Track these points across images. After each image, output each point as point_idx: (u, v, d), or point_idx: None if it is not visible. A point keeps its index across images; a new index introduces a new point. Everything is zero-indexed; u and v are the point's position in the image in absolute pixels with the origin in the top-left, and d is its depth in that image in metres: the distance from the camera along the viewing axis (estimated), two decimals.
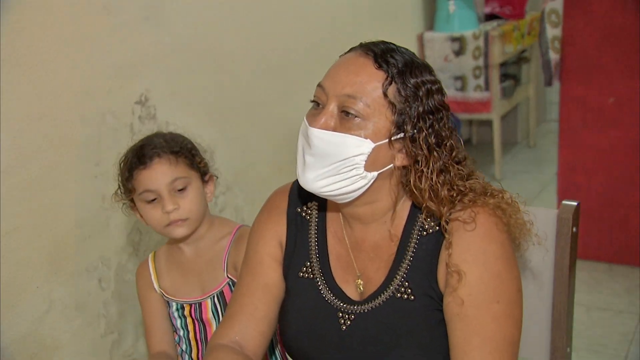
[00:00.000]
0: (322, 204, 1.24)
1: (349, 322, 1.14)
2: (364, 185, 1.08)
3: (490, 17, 4.32)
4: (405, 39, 3.90)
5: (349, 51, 1.15)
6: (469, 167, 1.12)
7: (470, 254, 1.06)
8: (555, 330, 1.25)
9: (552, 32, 2.78)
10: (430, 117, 1.07)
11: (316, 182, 1.08)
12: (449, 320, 1.07)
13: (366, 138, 1.06)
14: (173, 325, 1.53)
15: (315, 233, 1.22)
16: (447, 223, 1.07)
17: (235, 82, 2.56)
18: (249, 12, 2.60)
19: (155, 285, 1.53)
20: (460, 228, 1.07)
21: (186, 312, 1.49)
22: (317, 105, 1.12)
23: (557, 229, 1.19)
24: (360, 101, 1.06)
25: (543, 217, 1.20)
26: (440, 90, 1.09)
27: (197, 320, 1.49)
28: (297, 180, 1.26)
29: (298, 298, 1.20)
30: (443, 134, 1.08)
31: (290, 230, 1.24)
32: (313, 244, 1.21)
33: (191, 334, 1.50)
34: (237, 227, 1.52)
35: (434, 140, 1.07)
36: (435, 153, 1.07)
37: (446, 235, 1.08)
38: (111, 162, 2.06)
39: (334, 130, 1.07)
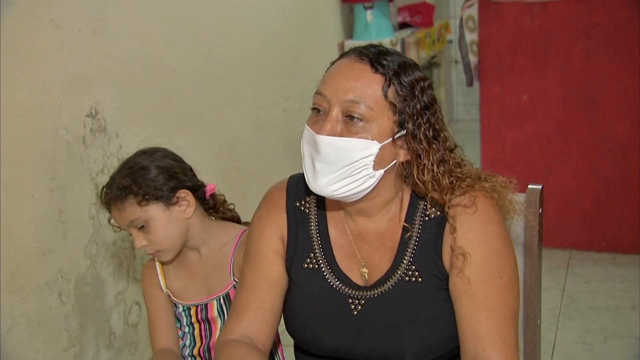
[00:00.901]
0: (321, 198, 1.26)
1: (359, 307, 1.19)
2: (373, 184, 1.14)
3: (402, 25, 4.56)
4: (328, 47, 4.06)
5: (341, 58, 1.19)
6: (459, 153, 1.21)
7: (473, 235, 1.14)
8: (527, 304, 1.36)
9: (470, 36, 3.01)
10: (427, 112, 1.14)
11: (328, 186, 1.12)
12: (457, 298, 1.14)
13: (372, 139, 1.11)
14: (178, 321, 1.55)
15: (316, 225, 1.25)
16: (449, 208, 1.16)
17: (180, 93, 2.61)
18: (189, 25, 2.66)
19: (163, 286, 1.54)
20: (462, 212, 1.15)
21: (192, 313, 1.52)
22: (318, 111, 1.16)
23: (525, 210, 1.30)
24: (363, 105, 1.10)
25: None
26: (431, 86, 1.18)
27: (203, 321, 1.52)
28: (292, 176, 1.33)
29: (305, 288, 1.23)
30: (437, 126, 1.16)
31: (290, 224, 1.27)
32: (315, 236, 1.25)
33: (196, 331, 1.53)
34: (242, 230, 1.53)
35: (431, 134, 1.14)
36: (434, 145, 1.14)
37: (450, 220, 1.15)
38: (66, 175, 2.08)
39: (341, 135, 1.11)
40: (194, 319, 1.53)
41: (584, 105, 2.98)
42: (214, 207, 1.60)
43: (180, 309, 1.54)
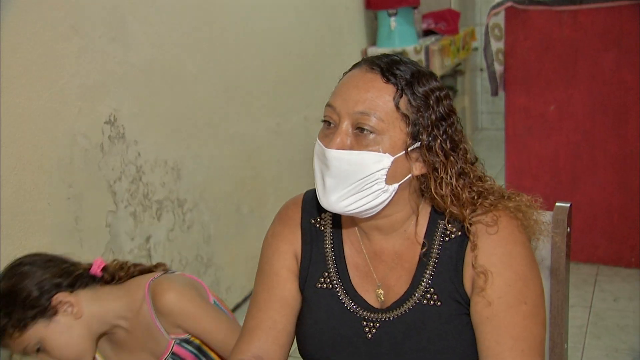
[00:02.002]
0: (337, 215, 1.22)
1: (374, 331, 1.14)
2: (386, 199, 1.09)
3: (427, 32, 4.50)
4: (350, 55, 4.01)
5: (352, 68, 1.14)
6: (480, 167, 1.15)
7: (497, 257, 1.08)
8: (554, 327, 1.29)
9: (496, 45, 2.94)
10: (443, 123, 1.09)
11: (339, 202, 1.08)
12: (479, 323, 1.08)
13: (384, 152, 1.06)
14: None
15: (331, 243, 1.21)
16: (470, 225, 1.10)
17: (197, 101, 2.59)
18: (207, 31, 2.64)
19: None
20: (484, 231, 1.09)
21: None
22: (329, 124, 1.11)
23: (553, 229, 1.23)
24: (374, 117, 1.06)
25: None
26: (448, 96, 1.12)
27: None
28: (308, 191, 1.28)
29: (318, 309, 1.19)
30: (456, 138, 1.11)
31: (305, 241, 1.22)
32: (330, 255, 1.20)
33: None
34: (147, 286, 1.41)
35: (449, 146, 1.08)
36: (451, 158, 1.09)
37: (471, 237, 1.09)
38: (83, 183, 2.06)
39: (351, 148, 1.06)
40: None
41: (612, 116, 2.90)
42: (112, 279, 1.46)
43: None
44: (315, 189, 1.25)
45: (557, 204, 1.27)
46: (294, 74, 3.33)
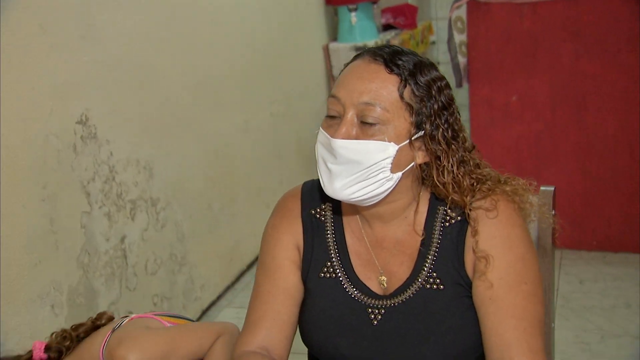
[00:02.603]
0: (337, 205, 1.24)
1: (379, 317, 1.16)
2: (390, 187, 1.11)
3: (386, 27, 4.55)
4: (313, 51, 4.03)
5: (355, 59, 1.16)
6: (477, 154, 1.18)
7: (497, 240, 1.11)
8: None
9: (459, 37, 3.00)
10: (445, 112, 1.11)
11: (344, 190, 1.10)
12: (481, 305, 1.11)
13: (389, 141, 1.08)
14: None
15: (332, 233, 1.22)
16: (470, 211, 1.13)
17: (167, 99, 2.57)
18: (175, 29, 2.62)
19: None
20: (484, 216, 1.12)
21: None
22: (333, 115, 1.12)
23: (539, 213, 1.27)
24: (379, 107, 1.08)
25: None
26: (448, 85, 1.15)
27: None
28: (306, 183, 1.29)
29: (323, 299, 1.20)
30: (456, 127, 1.13)
31: (306, 232, 1.23)
32: (332, 244, 1.21)
33: None
34: (100, 354, 1.34)
35: (450, 135, 1.11)
36: (453, 146, 1.11)
37: (471, 223, 1.12)
38: (57, 184, 2.03)
39: (357, 138, 1.08)
40: None
41: (572, 105, 2.99)
42: (60, 353, 1.39)
43: None
44: (312, 181, 1.27)
45: (542, 187, 1.32)
46: (260, 71, 3.33)
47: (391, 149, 1.08)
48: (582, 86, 2.94)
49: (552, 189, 1.31)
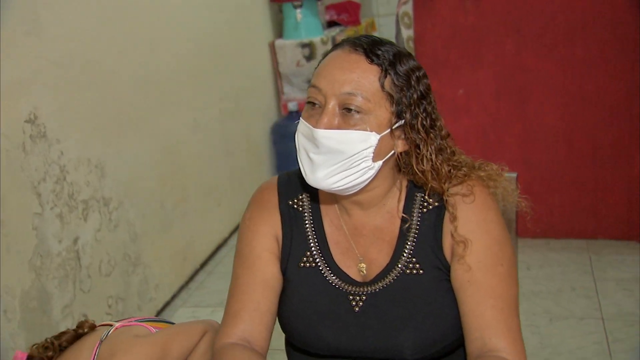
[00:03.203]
0: (314, 194, 1.24)
1: (361, 304, 1.17)
2: (372, 175, 1.12)
3: (330, 24, 4.59)
4: (259, 47, 4.03)
5: (334, 49, 1.16)
6: (451, 142, 1.20)
7: (474, 224, 1.14)
8: None
9: (406, 32, 3.06)
10: (423, 101, 1.13)
11: (327, 179, 1.11)
12: (460, 288, 1.14)
13: (371, 131, 1.09)
14: None
15: (311, 223, 1.23)
16: (448, 197, 1.15)
17: (118, 96, 2.52)
18: (122, 25, 2.57)
19: None
20: (461, 202, 1.15)
21: None
22: (313, 105, 1.13)
23: (511, 197, 1.28)
24: (360, 97, 1.09)
25: None
26: (426, 74, 1.16)
27: None
28: (281, 175, 1.29)
29: (303, 288, 1.21)
30: (434, 115, 1.14)
31: (284, 223, 1.23)
32: (310, 234, 1.22)
33: None
34: (94, 354, 1.31)
35: (428, 123, 1.13)
36: (431, 135, 1.13)
37: (450, 209, 1.15)
38: (6, 185, 1.96)
39: (339, 128, 1.09)
40: None
41: (515, 98, 3.09)
42: None
43: None
44: (288, 172, 1.27)
45: (505, 175, 1.36)
46: (208, 68, 3.31)
47: (373, 138, 1.10)
48: (524, 79, 3.05)
49: (515, 175, 1.36)
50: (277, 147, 4.11)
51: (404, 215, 1.19)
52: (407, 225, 1.19)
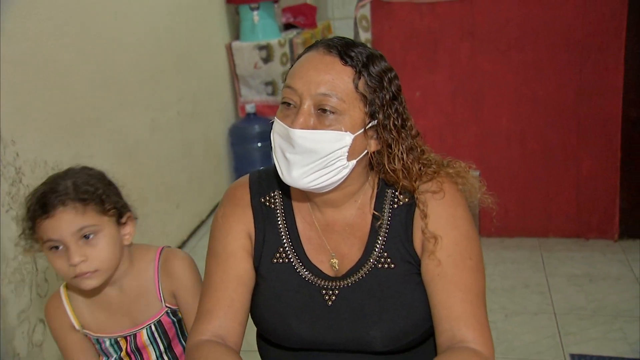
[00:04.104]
0: (286, 191, 1.26)
1: (334, 297, 1.19)
2: (346, 174, 1.15)
3: (287, 26, 4.61)
4: (216, 49, 4.02)
5: (308, 50, 1.19)
6: (420, 140, 1.23)
7: (443, 220, 1.18)
8: None
9: (364, 35, 3.10)
10: (395, 102, 1.16)
11: (303, 178, 1.13)
12: (430, 281, 1.17)
13: (345, 131, 1.12)
14: (105, 356, 1.40)
15: (283, 219, 1.24)
16: (419, 195, 1.18)
17: (74, 97, 2.48)
18: (79, 23, 2.53)
19: (76, 326, 1.38)
20: (431, 198, 1.19)
21: (122, 346, 1.39)
22: (288, 105, 1.15)
23: (478, 193, 1.32)
24: (335, 97, 1.11)
25: None
26: (397, 76, 1.21)
27: (133, 352, 1.40)
28: (252, 172, 1.30)
29: (277, 283, 1.22)
30: (404, 115, 1.18)
31: (257, 220, 1.25)
32: (283, 230, 1.24)
33: None
34: (159, 251, 1.41)
35: (400, 123, 1.16)
36: (402, 134, 1.16)
37: (420, 206, 1.18)
38: None
39: (314, 128, 1.12)
40: (124, 353, 1.40)
41: (470, 100, 3.17)
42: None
43: (108, 344, 1.39)
44: (259, 170, 1.29)
45: (470, 172, 1.41)
46: (166, 69, 3.28)
47: (347, 138, 1.13)
48: (479, 82, 3.13)
49: (478, 173, 1.40)
50: (235, 148, 4.11)
51: (376, 212, 1.22)
52: (379, 222, 1.21)
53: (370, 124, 1.15)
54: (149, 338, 1.40)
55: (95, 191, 1.28)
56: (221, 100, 4.03)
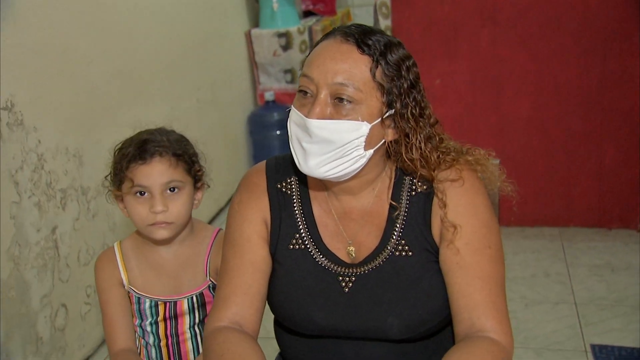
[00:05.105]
0: (302, 178, 1.25)
1: (350, 284, 1.19)
2: (363, 163, 1.14)
3: (307, 13, 4.59)
4: (235, 37, 4.01)
5: (325, 38, 1.17)
6: (439, 128, 1.22)
7: (463, 208, 1.16)
8: None
9: (384, 22, 3.08)
10: (413, 90, 1.14)
11: (319, 168, 1.12)
12: (448, 270, 1.15)
13: (362, 120, 1.11)
14: (140, 318, 1.45)
15: (299, 206, 1.24)
16: (437, 184, 1.17)
17: (93, 85, 2.49)
18: (97, 15, 2.54)
19: (125, 281, 1.43)
20: (450, 187, 1.17)
21: (160, 310, 1.43)
22: (305, 94, 1.14)
23: (498, 181, 1.30)
24: (352, 87, 1.10)
25: None
26: (415, 63, 1.19)
27: (170, 318, 1.44)
28: (269, 159, 1.30)
29: (293, 269, 1.21)
30: (423, 104, 1.16)
31: (273, 206, 1.24)
32: (299, 216, 1.23)
33: (161, 329, 1.44)
34: (216, 230, 1.49)
35: (418, 112, 1.14)
36: (420, 123, 1.15)
37: (439, 195, 1.17)
38: None
39: (331, 117, 1.11)
40: (160, 317, 1.44)
41: (490, 88, 3.14)
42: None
43: (147, 305, 1.43)
44: (277, 156, 1.29)
45: (490, 161, 1.39)
46: (184, 58, 3.29)
47: (364, 127, 1.11)
48: (499, 70, 3.09)
49: (498, 161, 1.38)
50: (253, 136, 4.11)
51: (393, 202, 1.21)
52: (396, 213, 1.20)
53: (387, 113, 1.14)
54: (189, 307, 1.44)
55: (187, 151, 1.41)
56: (240, 88, 4.03)
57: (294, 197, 1.25)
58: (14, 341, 2.06)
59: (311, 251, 1.22)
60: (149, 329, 1.45)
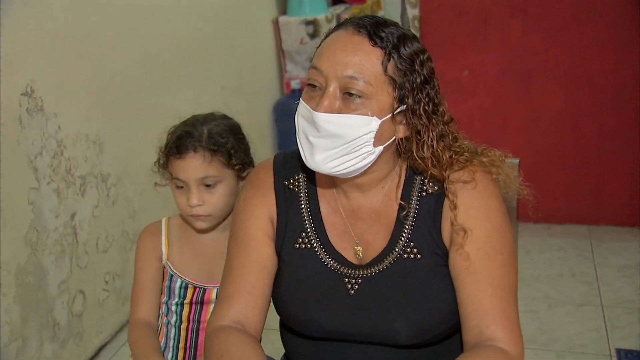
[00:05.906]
0: (311, 175, 1.21)
1: (356, 286, 1.15)
2: (372, 160, 1.10)
3: (336, 1, 4.53)
4: (262, 24, 3.97)
5: (337, 29, 1.12)
6: (454, 126, 1.17)
7: (475, 211, 1.11)
8: None
9: (412, 12, 3.02)
10: (427, 86, 1.08)
11: (326, 163, 1.09)
12: (458, 275, 1.11)
13: (372, 116, 1.06)
14: (168, 296, 1.45)
15: (306, 204, 1.20)
16: (448, 184, 1.12)
17: (116, 71, 2.48)
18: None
19: (164, 256, 1.45)
20: (462, 188, 1.12)
21: (189, 293, 1.44)
22: (314, 87, 1.10)
23: (514, 184, 1.25)
24: (362, 80, 1.05)
25: None
26: (430, 58, 1.12)
27: (197, 303, 1.44)
28: (277, 154, 1.26)
29: (299, 269, 1.18)
30: (437, 100, 1.10)
31: (280, 203, 1.21)
32: (306, 215, 1.20)
33: (185, 311, 1.45)
34: None
35: (431, 109, 1.09)
36: (433, 120, 1.09)
37: (450, 197, 1.11)
38: (2, 159, 1.94)
39: (339, 112, 1.06)
40: (187, 300, 1.44)
41: (520, 80, 3.06)
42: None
43: (178, 284, 1.44)
44: (285, 152, 1.25)
45: (507, 160, 1.33)
46: (209, 44, 3.26)
47: (374, 123, 1.07)
48: (530, 62, 3.01)
49: (518, 160, 1.33)
50: (279, 125, 4.08)
51: (402, 202, 1.16)
52: (404, 213, 1.16)
53: (398, 109, 1.09)
54: (216, 297, 1.41)
55: (225, 144, 1.39)
56: (266, 76, 4.00)
57: (301, 194, 1.22)
58: (31, 326, 2.07)
59: (317, 251, 1.19)
60: (174, 308, 1.46)
